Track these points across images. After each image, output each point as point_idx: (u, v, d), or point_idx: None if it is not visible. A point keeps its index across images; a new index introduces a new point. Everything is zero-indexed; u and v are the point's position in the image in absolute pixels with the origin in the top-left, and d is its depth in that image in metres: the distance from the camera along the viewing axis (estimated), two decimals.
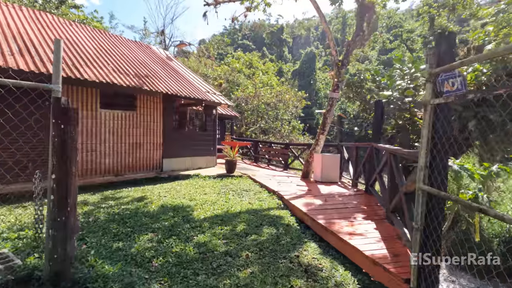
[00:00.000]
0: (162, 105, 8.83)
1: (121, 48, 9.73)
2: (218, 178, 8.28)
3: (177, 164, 9.26)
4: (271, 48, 74.00)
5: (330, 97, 9.20)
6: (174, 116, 9.40)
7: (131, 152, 8.06)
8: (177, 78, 9.86)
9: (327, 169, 8.53)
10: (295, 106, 20.32)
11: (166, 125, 8.95)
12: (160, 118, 8.77)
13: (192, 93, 9.12)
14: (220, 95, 10.62)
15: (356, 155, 7.77)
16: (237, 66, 22.85)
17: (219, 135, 16.21)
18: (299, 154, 11.87)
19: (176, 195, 5.95)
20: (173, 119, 9.34)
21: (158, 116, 8.73)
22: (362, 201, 5.71)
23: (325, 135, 9.14)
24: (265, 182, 7.60)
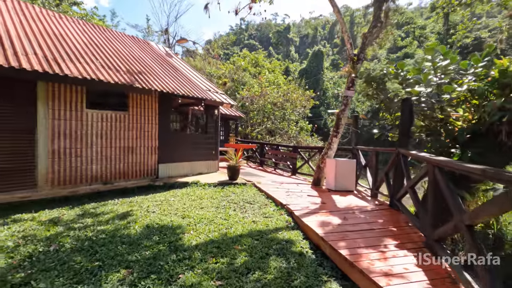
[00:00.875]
0: (158, 104, 7.99)
1: (115, 43, 8.93)
2: (219, 187, 7.39)
3: (174, 170, 8.41)
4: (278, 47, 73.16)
5: (345, 95, 8.25)
6: (172, 117, 8.55)
7: (122, 157, 7.23)
8: (175, 75, 9.01)
9: (342, 177, 7.57)
10: (303, 106, 19.34)
11: (163, 127, 8.10)
12: (155, 119, 7.93)
13: (191, 92, 8.26)
14: (222, 93, 9.75)
15: (375, 161, 6.79)
16: (242, 64, 21.97)
17: (223, 137, 15.37)
18: (309, 158, 10.92)
19: (168, 210, 5.07)
20: (171, 120, 8.49)
21: (153, 117, 7.89)
22: (389, 219, 4.75)
23: (338, 138, 8.19)
24: (272, 192, 6.68)
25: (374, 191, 6.69)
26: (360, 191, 7.59)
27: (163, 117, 8.12)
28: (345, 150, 9.36)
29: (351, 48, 8.39)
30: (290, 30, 79.98)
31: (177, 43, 11.86)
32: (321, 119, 39.96)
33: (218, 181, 7.86)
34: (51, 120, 6.05)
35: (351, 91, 8.18)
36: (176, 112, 8.76)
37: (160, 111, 8.03)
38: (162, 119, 8.08)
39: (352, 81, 8.19)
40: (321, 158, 8.33)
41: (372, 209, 5.39)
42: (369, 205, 5.78)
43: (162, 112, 8.08)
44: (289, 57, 66.27)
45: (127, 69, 7.41)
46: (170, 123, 8.48)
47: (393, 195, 5.35)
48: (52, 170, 6.07)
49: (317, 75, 45.21)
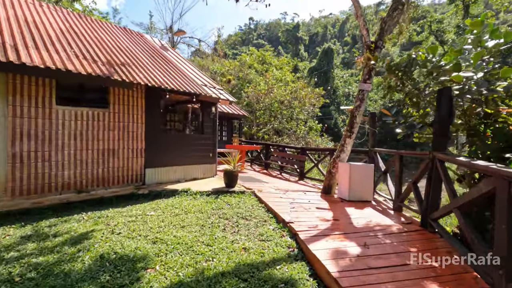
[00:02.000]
0: (145, 101, 7.01)
1: (100, 33, 8.00)
2: (213, 196, 6.34)
3: (164, 175, 7.41)
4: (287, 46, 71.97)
5: (360, 89, 7.09)
6: (161, 114, 7.56)
7: (101, 161, 6.26)
8: (166, 68, 8.02)
9: (357, 185, 6.42)
10: (312, 105, 18.13)
11: (150, 126, 7.11)
12: (142, 118, 6.95)
13: (182, 86, 7.24)
14: (221, 89, 8.71)
15: (399, 167, 5.61)
16: (247, 60, 20.89)
17: (226, 137, 14.36)
18: (318, 161, 9.76)
19: (139, 229, 4.04)
20: (160, 118, 7.49)
21: (139, 114, 6.90)
22: (425, 248, 3.58)
23: (353, 139, 7.03)
24: (274, 204, 5.59)
25: (397, 204, 5.51)
26: (380, 202, 6.41)
27: (151, 115, 7.13)
28: (361, 153, 8.18)
29: (367, 34, 7.23)
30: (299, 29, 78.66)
31: (174, 35, 10.91)
32: (331, 119, 38.57)
33: (212, 188, 6.81)
34: (12, 118, 5.12)
35: (367, 84, 7.02)
36: (167, 109, 7.76)
37: (147, 108, 7.04)
38: (149, 117, 7.09)
39: (369, 72, 7.03)
40: (332, 162, 7.19)
41: (399, 230, 4.22)
42: (393, 223, 4.61)
43: (150, 109, 7.10)
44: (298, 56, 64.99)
45: (108, 60, 6.45)
46: (160, 122, 7.48)
47: (427, 213, 4.17)
48: (12, 178, 5.14)
49: (327, 73, 43.77)
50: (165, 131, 7.56)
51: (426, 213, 4.19)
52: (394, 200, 5.70)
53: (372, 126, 7.45)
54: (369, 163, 7.34)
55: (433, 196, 4.03)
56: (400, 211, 5.47)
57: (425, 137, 5.33)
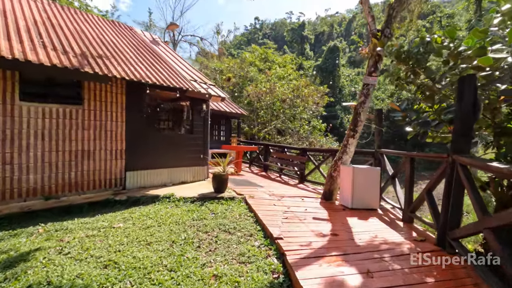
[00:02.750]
0: (126, 97, 6.37)
1: (82, 25, 7.40)
2: (198, 203, 5.65)
3: (148, 179, 6.75)
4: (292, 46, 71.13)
5: (365, 83, 6.34)
6: (145, 112, 6.90)
7: (74, 164, 5.63)
8: (152, 62, 7.37)
9: (361, 190, 5.66)
10: (315, 103, 17.31)
11: (132, 125, 6.47)
12: (122, 115, 6.31)
13: (167, 80, 6.57)
14: (212, 85, 8.03)
15: (410, 171, 4.83)
16: (247, 57, 20.16)
17: (224, 137, 13.69)
18: (320, 163, 9.00)
19: (94, 247, 3.37)
20: (144, 116, 6.84)
21: (119, 112, 6.26)
22: (445, 277, 2.82)
23: (356, 139, 6.28)
24: (264, 214, 4.87)
25: (407, 214, 4.73)
26: (387, 211, 5.64)
27: (133, 112, 6.49)
28: (366, 155, 7.40)
29: (372, 22, 6.48)
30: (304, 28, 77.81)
31: (167, 29, 10.31)
32: (337, 119, 37.63)
33: (199, 194, 6.12)
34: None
35: (373, 78, 6.26)
36: (151, 106, 7.11)
37: (128, 105, 6.40)
38: (131, 115, 6.45)
39: (375, 63, 6.27)
40: (333, 164, 6.44)
41: (410, 250, 3.45)
42: (404, 240, 3.84)
43: (132, 106, 6.45)
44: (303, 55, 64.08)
45: (83, 52, 5.81)
46: (144, 120, 6.83)
47: (445, 229, 3.39)
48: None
49: (333, 71, 42.80)
50: (149, 131, 6.90)
51: (444, 229, 3.41)
52: (403, 209, 4.92)
53: (378, 124, 6.67)
54: (375, 165, 6.57)
55: (453, 209, 3.25)
56: (411, 222, 4.69)
57: (440, 136, 4.55)
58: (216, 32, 23.53)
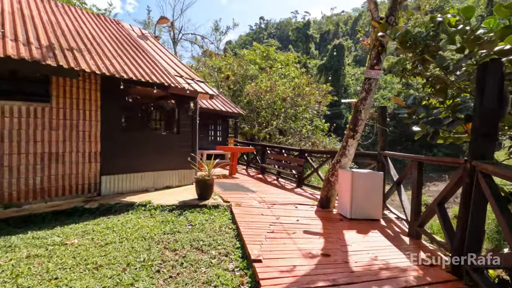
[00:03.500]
0: (102, 94, 5.79)
1: (59, 17, 6.85)
2: (177, 211, 5.03)
3: (127, 184, 6.16)
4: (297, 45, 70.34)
5: (366, 77, 5.67)
6: (125, 111, 6.33)
7: (40, 168, 5.06)
8: (134, 57, 6.78)
9: (362, 198, 4.99)
10: (317, 102, 16.58)
11: (109, 124, 5.89)
12: (96, 114, 5.73)
13: (147, 75, 5.97)
14: (201, 81, 7.41)
15: (417, 177, 4.13)
16: (245, 54, 19.49)
17: (220, 138, 13.08)
18: (318, 166, 8.31)
19: (25, 274, 2.75)
20: (123, 115, 6.26)
21: (93, 110, 5.69)
22: None
23: (357, 140, 5.60)
24: (248, 227, 4.22)
25: (414, 228, 4.04)
26: (391, 222, 4.95)
27: (110, 111, 5.91)
28: (368, 157, 6.71)
29: (375, 9, 5.82)
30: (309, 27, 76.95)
31: (157, 24, 9.78)
32: (342, 118, 36.78)
33: (180, 201, 5.51)
34: None
35: (375, 71, 5.59)
36: (135, 105, 6.52)
37: (104, 103, 5.82)
38: (107, 114, 5.87)
39: (378, 55, 5.59)
40: (331, 168, 5.77)
41: (417, 278, 2.77)
42: (410, 264, 3.15)
43: (108, 104, 5.87)
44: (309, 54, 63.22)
45: (51, 43, 5.25)
46: (123, 119, 6.25)
47: (462, 252, 2.70)
48: None
49: (338, 70, 41.91)
50: (129, 131, 6.32)
51: (460, 252, 2.72)
52: (410, 222, 4.22)
53: (382, 123, 5.97)
54: (378, 169, 5.87)
55: (473, 228, 2.56)
56: (419, 238, 4.00)
57: (453, 137, 3.84)
58: (215, 29, 22.87)
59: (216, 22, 21.75)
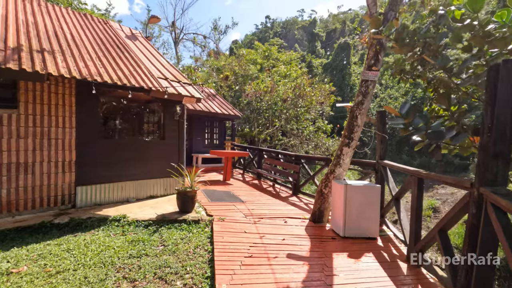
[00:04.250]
0: (77, 99, 5.40)
1: (38, 17, 6.49)
2: (152, 227, 4.61)
3: (106, 194, 5.77)
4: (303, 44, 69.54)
5: (363, 79, 5.17)
6: (103, 116, 5.93)
7: (6, 179, 4.69)
8: (115, 58, 6.37)
9: (357, 214, 4.48)
10: (319, 103, 16.00)
11: (85, 131, 5.50)
12: (71, 120, 5.34)
13: (125, 78, 5.54)
14: (188, 83, 6.96)
15: (417, 195, 3.60)
16: (244, 53, 18.99)
17: (217, 141, 12.66)
18: (315, 173, 7.79)
19: None
20: (101, 121, 5.86)
21: (67, 117, 5.30)
22: None
23: (352, 148, 5.10)
24: (224, 250, 3.77)
25: (414, 253, 3.51)
26: (389, 240, 4.43)
27: (87, 116, 5.52)
28: (364, 167, 6.18)
29: (373, 3, 5.30)
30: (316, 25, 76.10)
31: (149, 23, 9.40)
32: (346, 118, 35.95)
33: (159, 214, 5.08)
34: None
35: (373, 72, 5.08)
36: (115, 109, 6.12)
37: (80, 109, 5.43)
38: (84, 120, 5.48)
39: (376, 54, 5.09)
40: (324, 178, 5.28)
41: None
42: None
43: (84, 109, 5.48)
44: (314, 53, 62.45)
45: (19, 45, 4.87)
46: (101, 125, 5.86)
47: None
48: None
49: (343, 70, 41.08)
50: (108, 137, 5.93)
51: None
52: (409, 246, 3.70)
53: (381, 130, 5.43)
54: (376, 181, 5.36)
55: (480, 275, 2.04)
56: (418, 266, 3.47)
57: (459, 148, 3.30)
58: (214, 28, 22.40)
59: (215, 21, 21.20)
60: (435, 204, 13.12)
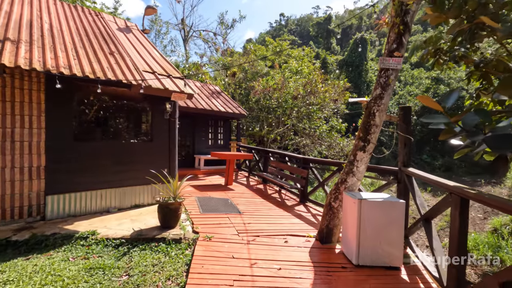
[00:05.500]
0: (47, 95, 4.71)
1: (16, 6, 5.88)
2: (123, 248, 3.84)
3: (82, 204, 5.06)
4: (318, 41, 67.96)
5: (382, 67, 4.19)
6: (79, 115, 5.23)
7: None
8: (96, 49, 5.66)
9: (374, 236, 3.54)
10: (332, 100, 14.90)
11: (57, 132, 4.81)
12: (39, 120, 4.66)
13: (102, 71, 4.81)
14: (179, 77, 6.18)
15: (459, 222, 2.62)
16: (251, 48, 18.11)
17: (222, 141, 11.88)
18: (325, 180, 6.82)
19: None
20: (77, 121, 5.16)
21: (35, 116, 4.62)
22: None
23: (369, 153, 4.14)
24: (203, 284, 2.93)
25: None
26: (416, 271, 3.45)
27: (59, 116, 4.83)
28: (383, 174, 5.18)
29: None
30: (331, 21, 74.20)
31: (145, 15, 8.77)
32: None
33: (137, 230, 4.31)
34: None
35: (395, 59, 4.11)
36: (95, 107, 5.41)
37: (50, 106, 4.74)
38: (55, 119, 4.79)
39: (399, 36, 4.11)
40: (334, 189, 4.35)
41: None
42: None
43: (56, 107, 4.79)
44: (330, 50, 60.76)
45: None
46: (77, 125, 5.16)
47: None
48: None
49: (359, 66, 39.40)
50: (86, 140, 5.22)
51: None
52: (447, 283, 2.73)
53: (404, 130, 4.43)
54: (398, 193, 4.37)
55: None
56: None
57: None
58: (220, 22, 21.57)
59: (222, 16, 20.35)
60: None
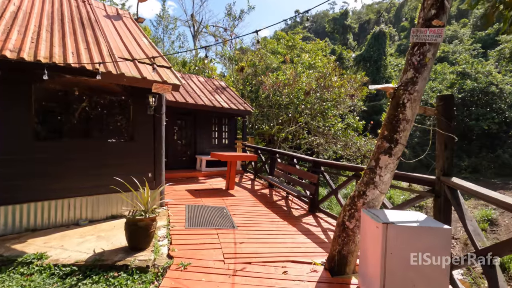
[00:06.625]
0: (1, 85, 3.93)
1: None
2: (73, 278, 2.97)
3: (45, 216, 4.26)
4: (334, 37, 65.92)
5: (416, 41, 3.06)
6: (42, 110, 4.42)
7: None
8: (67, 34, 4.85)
9: (405, 271, 2.47)
10: (349, 95, 13.65)
11: (12, 131, 4.02)
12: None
13: (61, 56, 3.97)
14: (165, 66, 5.30)
15: None
16: (259, 40, 17.12)
17: (227, 140, 10.97)
18: (339, 186, 5.74)
19: None
20: (37, 117, 4.36)
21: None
22: None
23: (396, 157, 3.05)
24: None
25: None
26: None
27: (16, 111, 4.04)
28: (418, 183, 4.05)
29: None
30: (347, 16, 71.93)
31: (139, 1, 8.01)
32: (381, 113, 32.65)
33: (98, 252, 3.44)
34: None
35: (434, 30, 3.00)
36: (65, 101, 4.61)
37: (4, 101, 3.96)
38: (10, 116, 4.00)
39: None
40: (349, 204, 3.30)
41: None
42: None
43: (12, 101, 4.01)
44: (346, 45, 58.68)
45: None
46: (39, 122, 4.35)
47: None
48: None
49: (377, 61, 37.48)
50: (50, 139, 4.44)
51: None
52: None
53: (444, 126, 3.31)
54: (436, 211, 3.27)
55: None
56: None
57: None
58: (227, 14, 20.59)
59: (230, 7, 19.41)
60: (491, 215, 10.34)
